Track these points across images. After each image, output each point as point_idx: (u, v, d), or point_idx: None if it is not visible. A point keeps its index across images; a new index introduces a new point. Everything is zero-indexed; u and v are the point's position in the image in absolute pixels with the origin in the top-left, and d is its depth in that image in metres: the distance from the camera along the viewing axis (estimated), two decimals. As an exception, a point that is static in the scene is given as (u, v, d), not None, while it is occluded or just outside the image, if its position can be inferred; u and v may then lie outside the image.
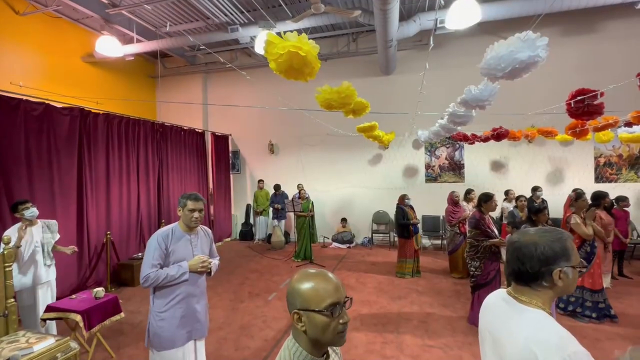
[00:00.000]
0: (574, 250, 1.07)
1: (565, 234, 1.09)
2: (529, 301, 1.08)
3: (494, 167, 7.39)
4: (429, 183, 7.79)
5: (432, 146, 7.80)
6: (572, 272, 1.06)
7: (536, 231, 1.10)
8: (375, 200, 8.07)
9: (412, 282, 5.34)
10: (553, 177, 7.03)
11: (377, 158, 8.14)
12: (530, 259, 1.06)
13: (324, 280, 0.88)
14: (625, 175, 6.67)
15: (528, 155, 7.16)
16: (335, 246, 7.92)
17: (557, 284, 1.06)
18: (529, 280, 1.08)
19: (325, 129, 7.52)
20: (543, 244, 1.06)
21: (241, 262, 6.70)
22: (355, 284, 5.31)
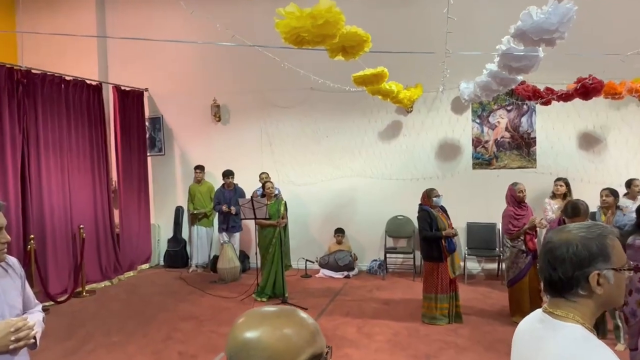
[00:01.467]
0: (617, 250, 1.28)
1: (608, 229, 1.30)
2: (565, 315, 1.29)
3: (583, 143, 7.55)
4: (478, 169, 7.91)
5: (484, 109, 7.88)
6: (614, 276, 1.27)
7: (574, 227, 1.33)
8: (391, 198, 8.12)
9: (449, 331, 5.40)
10: None
11: (394, 128, 8.18)
12: (562, 263, 1.28)
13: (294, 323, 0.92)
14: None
15: (639, 122, 7.29)
16: (326, 275, 8.05)
17: (596, 291, 1.26)
18: (563, 289, 1.30)
19: (307, 79, 7.48)
20: (576, 242, 1.28)
21: (167, 304, 6.68)
22: (357, 336, 5.35)
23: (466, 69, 6.74)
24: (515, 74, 4.20)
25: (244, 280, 7.66)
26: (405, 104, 7.46)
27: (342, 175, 8.44)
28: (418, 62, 6.98)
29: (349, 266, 8.05)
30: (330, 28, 2.98)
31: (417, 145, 8.16)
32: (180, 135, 9.15)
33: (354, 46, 3.41)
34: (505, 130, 7.86)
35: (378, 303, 6.53)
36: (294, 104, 8.50)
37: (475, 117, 7.96)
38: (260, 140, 8.72)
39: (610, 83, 5.86)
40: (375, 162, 8.32)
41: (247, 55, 7.58)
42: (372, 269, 8.21)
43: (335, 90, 7.37)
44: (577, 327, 1.25)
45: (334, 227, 8.37)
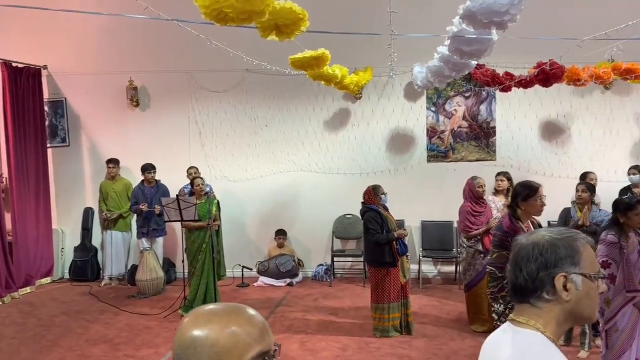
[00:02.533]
0: (588, 256, 1.28)
1: (580, 235, 1.32)
2: (525, 322, 1.28)
3: (546, 133, 7.56)
4: (433, 162, 7.77)
5: (440, 95, 7.71)
6: (583, 282, 1.25)
7: (545, 230, 1.38)
8: (339, 196, 7.88)
9: (402, 343, 5.28)
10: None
11: (342, 117, 7.93)
12: (528, 262, 1.29)
13: (243, 320, 0.98)
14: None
15: (605, 110, 7.39)
16: (265, 283, 7.75)
17: (562, 296, 1.23)
18: (528, 292, 1.29)
19: (242, 60, 6.95)
20: (544, 242, 1.29)
21: (72, 326, 6.18)
22: (300, 353, 5.14)
23: (420, 52, 6.50)
24: (468, 58, 4.19)
25: (169, 293, 7.30)
26: (353, 90, 7.20)
27: (283, 169, 8.10)
28: (366, 44, 6.74)
29: (292, 272, 7.74)
30: (258, 3, 2.88)
31: (366, 136, 7.93)
32: (89, 123, 8.44)
33: (289, 25, 3.30)
34: (462, 119, 7.76)
35: (324, 313, 6.34)
36: (227, 87, 8.06)
37: (430, 105, 7.80)
38: (187, 129, 8.20)
39: (572, 68, 5.80)
40: (321, 155, 8.02)
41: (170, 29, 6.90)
42: (318, 275, 7.93)
43: (274, 72, 6.95)
44: (536, 335, 1.26)
45: (274, 229, 8.01)
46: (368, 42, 6.56)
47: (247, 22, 3.06)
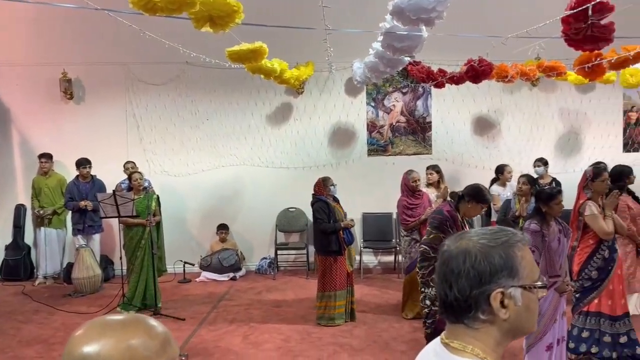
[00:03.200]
0: (527, 262, 1.13)
1: (517, 236, 1.16)
2: (462, 348, 1.13)
3: (478, 128, 7.89)
4: (374, 156, 7.93)
5: (379, 91, 7.89)
6: (522, 295, 1.11)
7: (476, 232, 1.19)
8: (282, 189, 7.94)
9: (343, 332, 5.36)
10: (565, 144, 7.80)
11: (284, 111, 7.99)
12: (458, 278, 1.12)
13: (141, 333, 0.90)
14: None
15: (532, 106, 7.80)
16: (208, 278, 7.69)
17: (500, 315, 1.09)
18: (461, 313, 1.13)
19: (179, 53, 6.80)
20: (476, 251, 1.12)
21: (4, 327, 5.99)
22: (243, 346, 5.16)
23: (359, 48, 6.58)
24: (400, 54, 4.24)
25: (107, 290, 7.12)
26: (294, 85, 7.26)
27: (225, 164, 8.05)
28: (307, 40, 6.66)
29: (235, 267, 7.72)
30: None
31: (309, 131, 8.02)
32: (20, 116, 8.08)
33: (223, 16, 3.27)
34: (400, 114, 7.95)
35: (268, 306, 6.38)
36: (166, 80, 7.92)
37: (370, 100, 7.97)
38: (124, 123, 8.01)
39: (501, 66, 6.04)
40: (264, 150, 8.04)
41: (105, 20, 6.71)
42: (262, 268, 7.96)
43: (215, 66, 6.87)
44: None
45: (216, 224, 7.96)
46: (308, 38, 6.49)
47: (177, 13, 3.03)
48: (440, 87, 6.98)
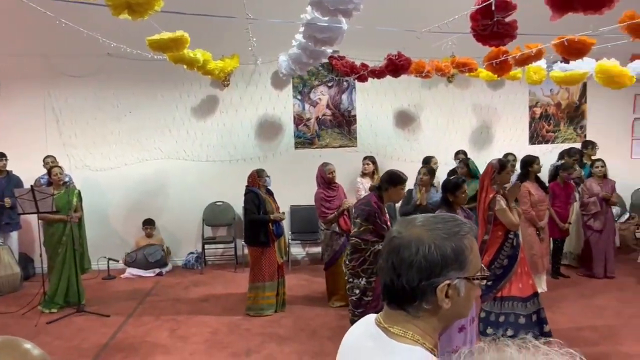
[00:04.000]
0: (474, 253, 1.15)
1: (467, 226, 1.16)
2: (402, 334, 1.14)
3: (400, 121, 8.24)
4: (300, 149, 8.11)
5: (305, 85, 8.08)
6: (466, 286, 1.13)
7: (427, 219, 1.18)
8: (209, 183, 7.95)
9: (271, 322, 5.47)
10: (478, 136, 8.33)
11: (210, 104, 7.99)
12: (409, 268, 1.11)
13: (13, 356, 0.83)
14: (564, 133, 8.48)
15: (448, 101, 8.27)
16: (133, 274, 7.59)
17: (443, 305, 1.11)
18: (405, 300, 1.14)
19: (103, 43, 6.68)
20: (430, 242, 1.11)
21: None
22: (170, 340, 5.16)
23: (285, 41, 6.56)
24: (321, 45, 4.33)
25: (27, 289, 6.89)
26: (218, 76, 7.32)
27: (150, 157, 7.96)
28: (233, 32, 6.65)
29: (161, 262, 7.68)
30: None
31: (235, 123, 8.07)
32: None
33: (142, 4, 3.23)
34: (326, 107, 8.16)
35: (195, 301, 6.38)
36: (87, 72, 7.68)
37: (296, 94, 8.13)
38: (43, 116, 7.75)
39: (419, 61, 6.30)
40: (189, 143, 8.02)
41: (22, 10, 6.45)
42: (189, 263, 7.96)
43: (137, 57, 6.77)
44: (416, 350, 1.11)
45: (142, 219, 7.87)
46: (234, 30, 6.51)
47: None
48: (363, 81, 7.22)
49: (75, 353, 4.83)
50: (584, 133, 8.52)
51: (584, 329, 5.27)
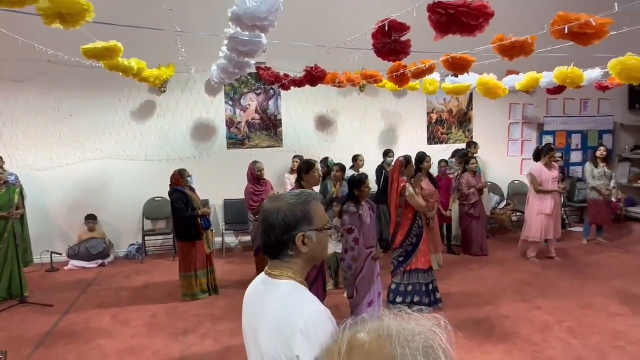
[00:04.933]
0: (319, 213, 1.46)
1: (311, 196, 1.49)
2: (280, 274, 1.43)
3: (320, 124, 8.45)
4: (232, 149, 8.11)
5: (236, 92, 8.11)
6: (317, 235, 1.43)
7: (285, 195, 1.50)
8: (148, 180, 7.75)
9: (207, 305, 5.49)
10: (387, 137, 8.70)
11: (148, 108, 7.82)
12: (274, 228, 1.41)
13: None
14: (455, 135, 9.05)
15: (361, 108, 8.56)
16: (76, 266, 7.29)
17: (302, 250, 1.41)
18: (277, 252, 1.44)
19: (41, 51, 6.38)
20: (285, 209, 1.41)
21: None
22: (112, 325, 5.08)
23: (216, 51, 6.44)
24: (244, 57, 4.30)
25: None
26: (154, 83, 7.16)
27: (91, 157, 7.65)
28: (169, 42, 6.46)
29: (104, 254, 7.42)
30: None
31: (172, 126, 7.93)
32: None
33: (74, 14, 3.10)
34: (255, 112, 8.20)
35: (136, 288, 6.25)
36: (28, 77, 7.26)
37: (228, 100, 8.10)
38: None
39: (334, 73, 6.47)
40: (129, 144, 7.79)
41: None
42: (130, 254, 7.75)
43: (79, 65, 6.44)
44: (290, 283, 1.40)
45: (84, 215, 7.55)
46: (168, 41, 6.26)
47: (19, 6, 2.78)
48: (286, 89, 7.33)
49: (19, 342, 4.63)
50: (471, 135, 9.08)
51: (471, 296, 5.69)
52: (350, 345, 0.68)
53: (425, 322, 0.72)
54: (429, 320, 0.73)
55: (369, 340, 0.68)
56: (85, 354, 4.40)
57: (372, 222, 4.63)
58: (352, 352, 0.67)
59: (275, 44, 6.41)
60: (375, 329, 0.69)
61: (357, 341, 0.68)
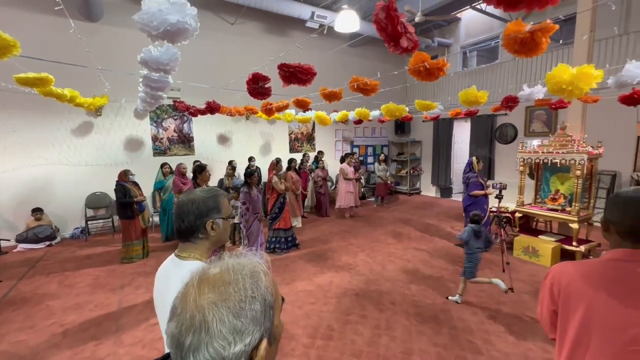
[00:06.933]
0: (225, 206, 1.23)
1: (220, 192, 1.24)
2: (187, 255, 1.16)
3: (220, 140, 8.02)
4: (158, 156, 7.32)
5: (158, 117, 7.31)
6: (222, 222, 1.21)
7: (198, 190, 1.22)
8: (89, 180, 6.64)
9: (140, 265, 4.98)
10: (264, 149, 8.63)
11: (87, 127, 6.62)
12: (188, 215, 1.16)
13: None
14: (306, 147, 9.33)
15: (247, 130, 8.34)
16: (25, 248, 5.88)
17: (211, 234, 1.18)
18: (188, 235, 1.17)
19: None
20: (199, 200, 1.17)
21: None
22: (58, 289, 4.28)
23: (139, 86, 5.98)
24: (156, 91, 3.93)
25: None
26: (89, 109, 6.10)
27: (36, 164, 6.18)
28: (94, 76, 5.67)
29: (51, 237, 6.05)
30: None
31: (108, 141, 6.81)
32: None
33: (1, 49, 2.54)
34: (174, 131, 7.49)
35: (80, 259, 5.25)
36: None
37: (152, 122, 7.25)
38: None
39: (228, 107, 6.21)
40: (71, 153, 6.47)
41: None
42: (75, 235, 6.46)
43: (13, 91, 5.23)
44: (196, 263, 1.14)
45: (30, 208, 6.09)
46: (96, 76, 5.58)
47: None
48: (195, 116, 6.80)
49: (-33, 316, 3.56)
50: (314, 147, 9.38)
51: (316, 240, 5.84)
52: (200, 279, 0.64)
53: (252, 257, 0.68)
54: (255, 256, 0.69)
55: (213, 273, 0.64)
56: (34, 314, 3.57)
57: (258, 199, 4.60)
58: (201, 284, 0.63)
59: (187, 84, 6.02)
60: (219, 265, 0.66)
61: (205, 274, 0.65)
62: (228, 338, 0.58)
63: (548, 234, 5.13)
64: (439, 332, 3.11)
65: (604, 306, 1.02)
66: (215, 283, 0.62)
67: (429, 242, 5.80)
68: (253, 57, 7.64)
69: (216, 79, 6.87)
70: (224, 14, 7.68)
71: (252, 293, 0.61)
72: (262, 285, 0.63)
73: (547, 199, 5.11)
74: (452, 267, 4.62)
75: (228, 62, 7.58)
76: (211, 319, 0.58)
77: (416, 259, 4.98)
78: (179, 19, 1.75)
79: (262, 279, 0.64)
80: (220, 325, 0.58)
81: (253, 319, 0.60)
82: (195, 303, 0.60)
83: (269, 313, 0.62)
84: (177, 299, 0.64)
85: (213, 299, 0.60)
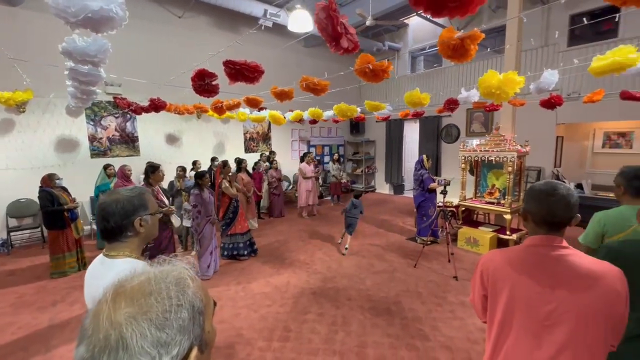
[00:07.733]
0: (152, 202, 1.22)
1: (144, 189, 1.22)
2: (117, 254, 1.15)
3: (169, 140, 7.55)
4: (96, 158, 6.68)
5: (96, 115, 6.64)
6: (151, 218, 1.20)
7: (122, 190, 1.20)
8: (12, 185, 5.85)
9: (76, 278, 4.51)
10: (218, 149, 8.28)
11: (8, 126, 5.81)
12: (113, 215, 1.14)
13: None
14: (261, 147, 9.12)
15: (199, 129, 7.93)
16: None
17: (140, 231, 1.17)
18: (116, 234, 1.16)
19: None
20: (123, 199, 1.15)
21: None
22: None
23: None
24: (86, 86, 3.52)
25: None
26: (9, 104, 5.39)
27: None
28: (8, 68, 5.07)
29: None
30: None
31: (35, 141, 6.02)
32: None
33: None
34: (115, 130, 6.84)
35: (2, 276, 4.64)
36: None
37: (89, 121, 6.55)
38: None
39: (175, 105, 5.81)
40: None
41: None
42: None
43: None
44: (127, 259, 1.14)
45: None
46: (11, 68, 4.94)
47: None
48: (138, 114, 6.23)
49: None
50: (270, 147, 9.22)
51: (274, 242, 5.76)
52: (116, 292, 0.59)
53: (178, 263, 0.66)
54: (181, 262, 0.67)
55: (131, 286, 0.60)
56: (-59, 343, 3.03)
57: (210, 201, 4.40)
58: (117, 298, 0.58)
59: (128, 79, 5.54)
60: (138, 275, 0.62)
61: (122, 288, 0.60)
62: (151, 353, 0.54)
63: (486, 225, 5.59)
64: (391, 324, 3.22)
65: (524, 287, 1.12)
66: (134, 295, 0.58)
67: (383, 236, 6.02)
68: (203, 54, 7.14)
69: (162, 75, 6.40)
70: (171, 6, 7.21)
71: (177, 301, 0.58)
72: (190, 291, 0.60)
73: (485, 193, 5.58)
74: (404, 260, 4.84)
75: (175, 58, 7.11)
76: (130, 334, 0.54)
77: (371, 254, 5.13)
78: (102, 5, 1.57)
79: (189, 284, 0.61)
80: (141, 340, 0.54)
81: (180, 328, 0.57)
82: (109, 321, 0.55)
83: (198, 319, 0.60)
84: (87, 319, 0.58)
85: (131, 312, 0.56)
